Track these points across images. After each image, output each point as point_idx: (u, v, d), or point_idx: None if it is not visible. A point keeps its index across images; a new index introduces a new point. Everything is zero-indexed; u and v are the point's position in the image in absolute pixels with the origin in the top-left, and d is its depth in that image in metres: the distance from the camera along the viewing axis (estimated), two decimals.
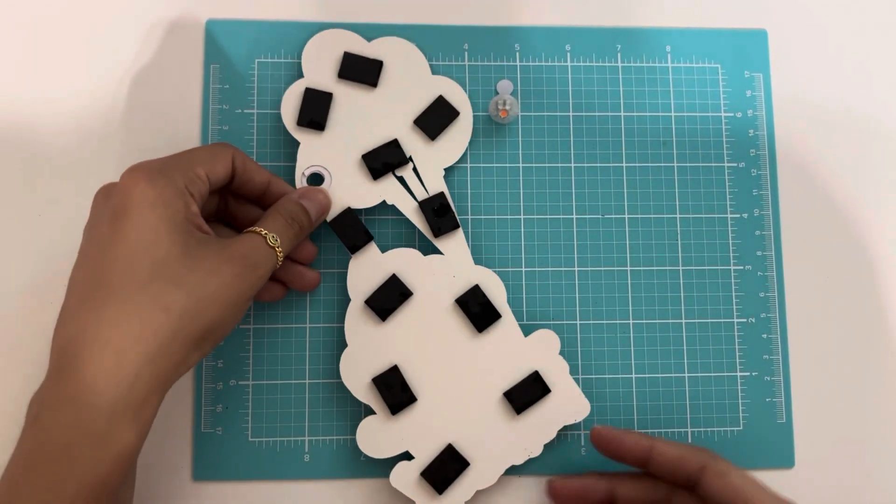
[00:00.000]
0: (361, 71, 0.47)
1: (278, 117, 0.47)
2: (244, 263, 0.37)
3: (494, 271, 0.46)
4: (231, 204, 0.44)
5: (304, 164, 0.46)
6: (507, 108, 0.47)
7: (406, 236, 0.47)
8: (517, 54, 0.49)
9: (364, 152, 0.46)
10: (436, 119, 0.47)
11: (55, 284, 0.46)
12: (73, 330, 0.34)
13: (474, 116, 0.48)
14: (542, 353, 0.45)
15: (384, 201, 0.46)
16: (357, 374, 0.45)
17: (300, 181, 0.46)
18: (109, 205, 0.36)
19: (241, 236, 0.39)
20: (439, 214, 0.46)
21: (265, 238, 0.39)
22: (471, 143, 0.48)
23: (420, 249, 0.46)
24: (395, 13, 0.49)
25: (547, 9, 0.50)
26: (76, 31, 0.48)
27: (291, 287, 0.45)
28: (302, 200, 0.43)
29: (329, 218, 0.46)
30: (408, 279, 0.45)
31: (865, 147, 0.50)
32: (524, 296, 0.47)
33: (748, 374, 0.47)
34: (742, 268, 0.48)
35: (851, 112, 0.51)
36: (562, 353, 0.46)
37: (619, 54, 0.50)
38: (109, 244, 0.35)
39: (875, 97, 0.51)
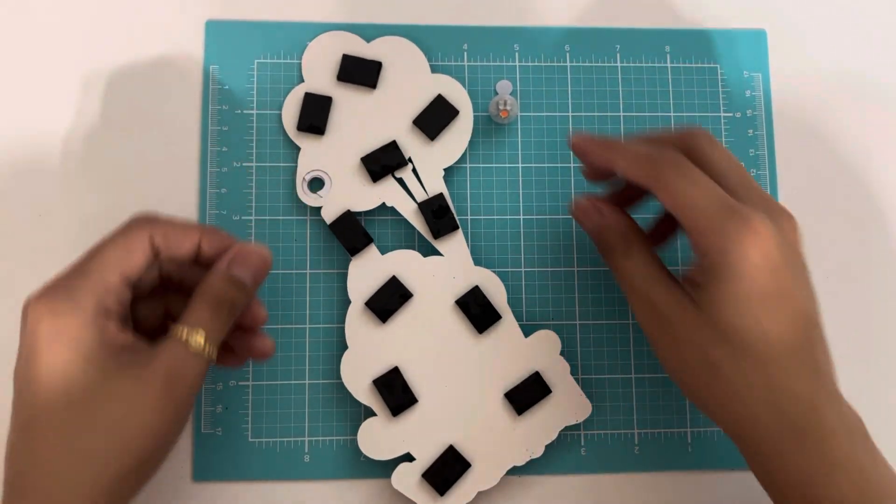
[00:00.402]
0: (360, 73, 0.47)
1: (278, 118, 0.47)
2: (167, 383, 0.34)
3: (494, 272, 0.46)
4: (173, 271, 0.39)
5: (305, 169, 0.46)
6: (508, 108, 0.47)
7: (406, 238, 0.47)
8: (517, 54, 0.49)
9: (363, 155, 0.46)
10: (435, 118, 0.47)
11: None
12: (16, 464, 0.33)
13: (474, 116, 0.48)
14: (542, 353, 0.46)
15: (384, 203, 0.46)
16: (358, 376, 0.45)
17: (301, 186, 0.46)
18: (22, 341, 0.34)
19: (162, 347, 0.34)
20: (438, 216, 0.46)
21: (186, 343, 0.34)
22: (470, 143, 0.47)
23: (420, 251, 0.46)
24: (395, 13, 0.49)
25: (546, 9, 0.50)
26: (76, 30, 0.48)
27: (246, 356, 0.41)
28: (232, 269, 0.37)
29: (329, 221, 0.46)
30: (408, 281, 0.45)
31: (865, 147, 0.50)
32: (524, 296, 0.47)
33: None
34: None
35: (851, 112, 0.51)
36: (562, 353, 0.46)
37: (618, 54, 0.50)
38: (27, 385, 0.33)
39: (875, 97, 0.51)
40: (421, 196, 0.47)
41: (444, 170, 0.47)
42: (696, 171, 0.35)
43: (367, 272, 0.46)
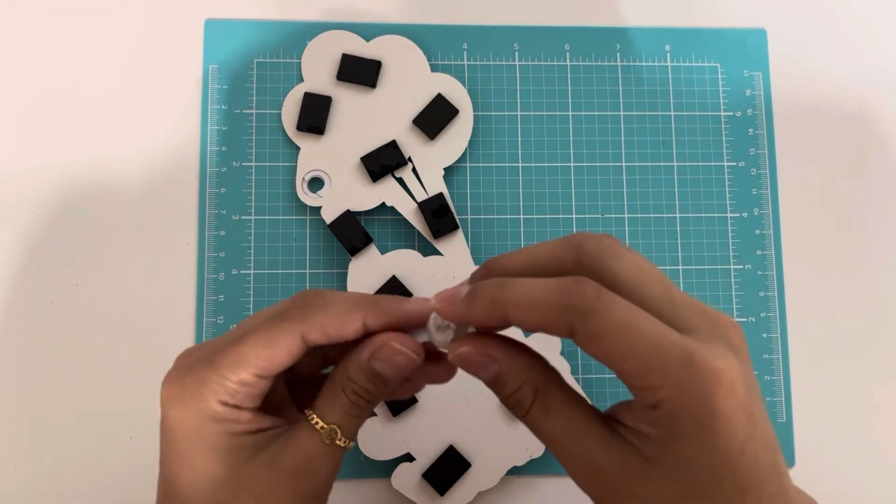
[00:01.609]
0: (360, 72, 0.47)
1: (277, 117, 0.47)
2: (298, 475, 0.31)
3: None
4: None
5: (305, 168, 0.46)
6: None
7: (406, 237, 0.47)
8: (516, 54, 0.49)
9: (363, 155, 0.46)
10: (435, 118, 0.47)
11: (49, 285, 0.46)
12: None
13: (474, 116, 0.48)
14: (542, 353, 0.45)
15: (384, 203, 0.46)
16: None
17: (301, 186, 0.46)
18: (161, 424, 0.33)
19: (296, 436, 0.32)
20: (438, 215, 0.46)
21: (320, 435, 0.31)
22: (470, 142, 0.47)
23: (420, 250, 0.46)
24: (395, 13, 0.49)
25: (546, 9, 0.50)
26: (75, 31, 0.48)
27: (423, 384, 0.36)
28: (373, 362, 0.32)
29: (329, 220, 0.46)
30: (407, 280, 0.45)
31: (865, 146, 0.50)
32: None
33: None
34: (742, 267, 0.48)
35: (850, 111, 0.51)
36: (562, 353, 0.46)
37: (618, 54, 0.50)
38: (162, 469, 0.33)
39: (874, 96, 0.51)
40: (421, 196, 0.47)
41: (444, 169, 0.47)
42: (621, 304, 0.27)
43: (366, 272, 0.46)
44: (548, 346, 0.45)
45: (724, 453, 0.27)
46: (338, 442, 0.31)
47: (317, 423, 0.31)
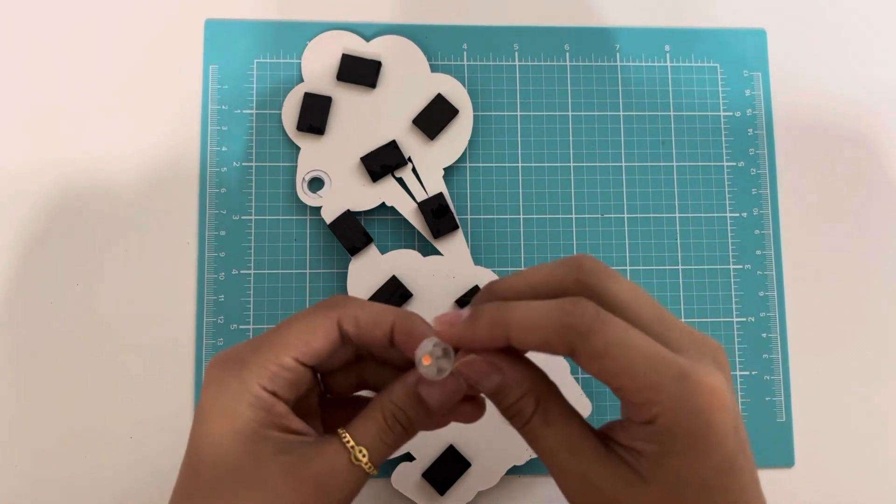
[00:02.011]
0: (360, 72, 0.47)
1: (277, 118, 0.47)
2: (316, 489, 0.31)
3: (494, 271, 0.46)
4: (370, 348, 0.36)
5: (305, 168, 0.46)
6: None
7: (406, 237, 0.47)
8: (516, 54, 0.49)
9: (363, 155, 0.46)
10: (435, 118, 0.47)
11: (49, 285, 0.46)
12: None
13: (474, 116, 0.48)
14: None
15: (384, 203, 0.46)
16: None
17: (301, 186, 0.46)
18: (200, 402, 0.33)
19: (323, 449, 0.32)
20: (438, 215, 0.46)
21: (350, 453, 0.31)
22: (470, 142, 0.48)
23: (419, 250, 0.46)
24: (395, 13, 0.49)
25: (546, 9, 0.50)
26: (75, 31, 0.48)
27: (451, 419, 0.35)
28: (420, 388, 0.32)
29: (329, 220, 0.46)
30: (407, 280, 0.45)
31: (864, 146, 0.50)
32: None
33: (748, 373, 0.47)
34: (741, 267, 0.48)
35: (850, 111, 0.51)
36: None
37: (618, 54, 0.50)
38: (191, 445, 0.33)
39: (874, 96, 0.51)
40: (421, 196, 0.47)
41: (444, 169, 0.47)
42: (619, 324, 0.29)
43: (366, 272, 0.46)
44: None
45: (716, 468, 0.28)
46: (364, 465, 0.31)
47: (348, 441, 0.32)
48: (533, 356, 0.32)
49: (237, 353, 0.33)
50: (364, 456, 0.31)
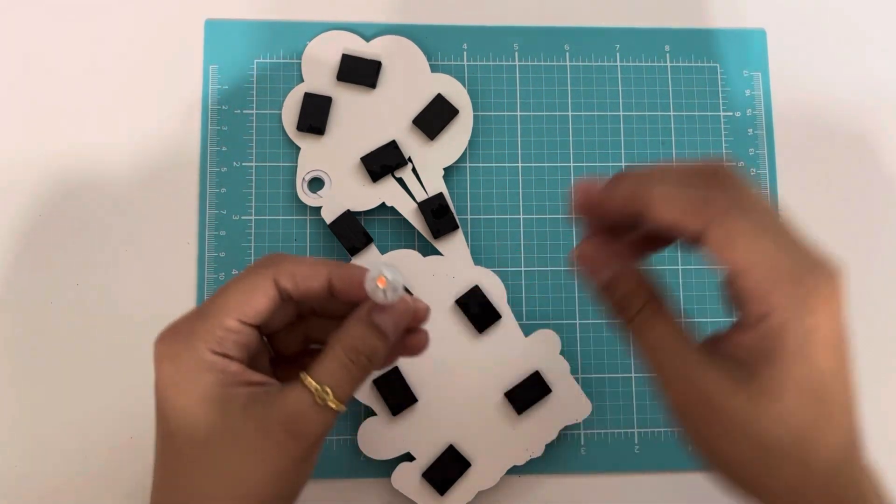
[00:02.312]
0: (360, 72, 0.47)
1: (277, 118, 0.47)
2: (287, 434, 0.32)
3: (494, 271, 0.46)
4: (312, 304, 0.36)
5: (305, 169, 0.46)
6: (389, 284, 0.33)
7: (406, 237, 0.47)
8: (516, 54, 0.49)
9: (363, 155, 0.46)
10: (435, 118, 0.47)
11: (49, 285, 0.46)
12: (158, 490, 0.35)
13: (474, 116, 0.48)
14: (542, 353, 0.46)
15: (384, 203, 0.46)
16: None
17: (301, 186, 0.46)
18: (156, 380, 0.34)
19: (287, 393, 0.32)
20: (438, 215, 0.46)
21: (313, 395, 0.32)
22: (470, 142, 0.48)
23: (419, 250, 0.46)
24: (395, 13, 0.49)
25: (546, 9, 0.50)
26: (75, 31, 0.48)
27: (397, 356, 0.37)
28: (373, 317, 0.33)
29: (329, 220, 0.46)
30: (408, 280, 0.45)
31: (864, 146, 0.50)
32: (524, 296, 0.47)
33: None
34: None
35: (850, 111, 0.51)
36: (562, 353, 0.46)
37: (617, 54, 0.50)
38: (158, 422, 0.34)
39: (874, 96, 0.51)
40: (421, 196, 0.47)
41: (444, 169, 0.47)
42: (752, 216, 0.29)
43: None
44: (548, 346, 0.46)
45: (820, 374, 0.29)
46: (329, 403, 0.32)
47: (310, 383, 0.32)
48: (530, 351, 0.32)
49: (180, 324, 0.33)
50: (328, 394, 0.32)
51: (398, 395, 0.44)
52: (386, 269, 0.32)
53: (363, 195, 0.46)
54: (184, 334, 0.33)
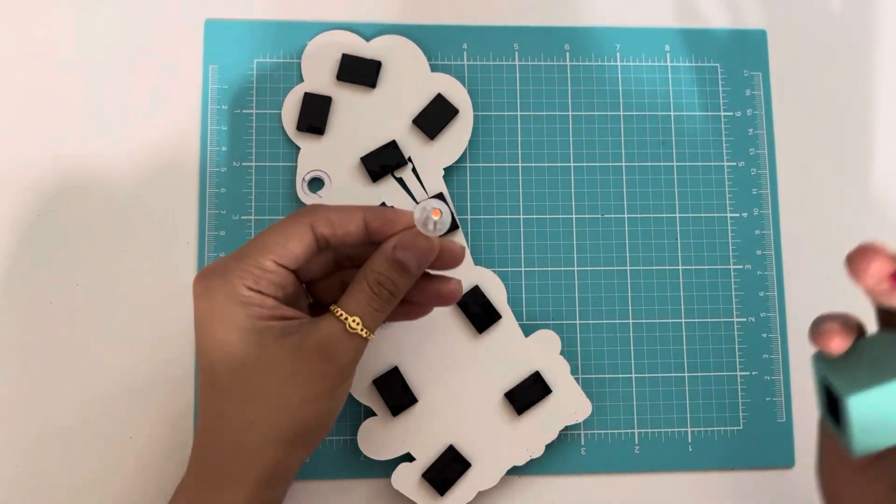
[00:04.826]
0: (360, 72, 0.47)
1: (277, 117, 0.47)
2: (321, 359, 0.35)
3: (494, 271, 0.46)
4: (350, 253, 0.39)
5: (305, 169, 0.46)
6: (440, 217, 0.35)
7: None
8: (516, 54, 0.49)
9: (363, 155, 0.46)
10: (435, 118, 0.47)
11: (49, 285, 0.46)
12: (201, 418, 0.37)
13: (474, 116, 0.48)
14: (542, 353, 0.46)
15: (384, 203, 0.46)
16: (358, 376, 0.44)
17: (301, 186, 0.46)
18: (195, 317, 0.36)
19: (320, 323, 0.35)
20: None
21: (345, 324, 0.35)
22: (470, 142, 0.48)
23: None
24: (395, 13, 0.49)
25: (546, 9, 0.50)
26: (75, 30, 0.48)
27: (431, 306, 0.40)
28: (397, 252, 0.35)
29: None
30: None
31: (865, 146, 0.50)
32: (524, 296, 0.47)
33: (748, 373, 0.47)
34: (742, 267, 0.48)
35: (850, 110, 0.51)
36: (562, 353, 0.46)
37: (617, 54, 0.50)
38: (199, 357, 0.36)
39: (874, 96, 0.51)
40: (421, 196, 0.47)
41: (444, 169, 0.47)
42: None
43: None
44: (548, 346, 0.46)
45: None
46: (360, 332, 0.35)
47: (341, 314, 0.35)
48: (530, 351, 0.32)
49: (218, 265, 0.36)
50: (358, 324, 0.35)
51: (398, 396, 0.44)
52: (441, 205, 0.34)
53: (363, 195, 0.46)
54: (220, 272, 0.35)
